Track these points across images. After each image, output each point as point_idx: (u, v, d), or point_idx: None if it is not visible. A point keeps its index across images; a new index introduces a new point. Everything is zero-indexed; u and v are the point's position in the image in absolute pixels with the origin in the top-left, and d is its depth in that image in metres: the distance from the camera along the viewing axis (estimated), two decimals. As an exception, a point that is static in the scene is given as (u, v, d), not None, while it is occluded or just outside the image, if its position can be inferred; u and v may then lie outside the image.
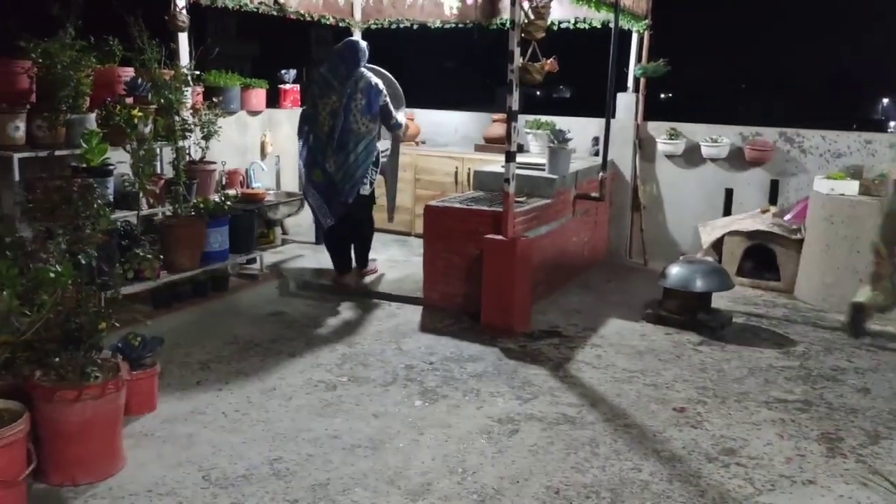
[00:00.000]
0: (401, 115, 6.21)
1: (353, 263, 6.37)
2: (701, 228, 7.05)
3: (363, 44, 6.03)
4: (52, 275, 3.03)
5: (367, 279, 6.31)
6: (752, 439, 3.84)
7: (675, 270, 5.54)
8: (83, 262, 3.38)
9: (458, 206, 5.73)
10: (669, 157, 7.40)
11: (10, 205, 4.41)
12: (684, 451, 3.69)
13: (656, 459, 3.60)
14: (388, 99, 5.94)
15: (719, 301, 5.82)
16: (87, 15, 4.85)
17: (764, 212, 6.87)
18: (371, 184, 6.12)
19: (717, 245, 6.82)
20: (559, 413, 4.06)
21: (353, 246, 6.32)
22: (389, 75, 6.28)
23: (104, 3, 5.20)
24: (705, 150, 7.20)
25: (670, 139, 7.31)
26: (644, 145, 7.47)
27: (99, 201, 3.58)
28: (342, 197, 5.89)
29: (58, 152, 4.71)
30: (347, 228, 6.17)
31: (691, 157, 7.34)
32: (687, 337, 5.33)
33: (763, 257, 6.63)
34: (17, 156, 4.49)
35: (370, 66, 6.03)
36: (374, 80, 5.87)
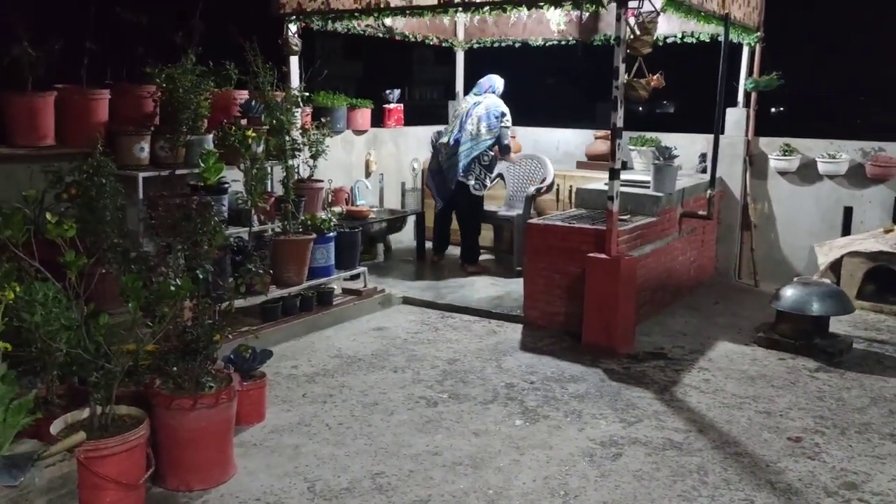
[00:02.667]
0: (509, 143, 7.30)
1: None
2: (817, 249, 6.71)
3: (501, 80, 7.19)
4: (172, 288, 3.18)
5: (472, 274, 7.10)
6: (876, 474, 3.60)
7: (789, 292, 5.29)
8: (200, 276, 3.54)
9: (559, 223, 5.68)
10: (782, 173, 7.10)
11: (135, 221, 4.67)
12: (801, 484, 3.50)
13: (770, 491, 3.43)
14: (508, 125, 7.03)
15: (837, 325, 5.52)
16: (205, 41, 5.12)
17: (887, 231, 6.46)
18: (483, 187, 7.09)
19: (836, 266, 6.47)
20: (665, 438, 3.93)
21: (461, 240, 7.29)
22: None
23: (222, 30, 5.48)
24: (822, 167, 6.87)
25: (784, 155, 7.01)
26: (755, 162, 7.19)
27: (216, 218, 3.74)
28: (449, 183, 7.06)
29: (178, 171, 4.96)
30: (451, 217, 7.32)
31: (806, 173, 7.01)
32: (802, 362, 5.07)
33: (886, 280, 6.23)
34: (141, 175, 4.76)
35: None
36: (501, 105, 7.01)
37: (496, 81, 7.18)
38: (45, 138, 4.60)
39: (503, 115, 6.96)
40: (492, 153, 7.03)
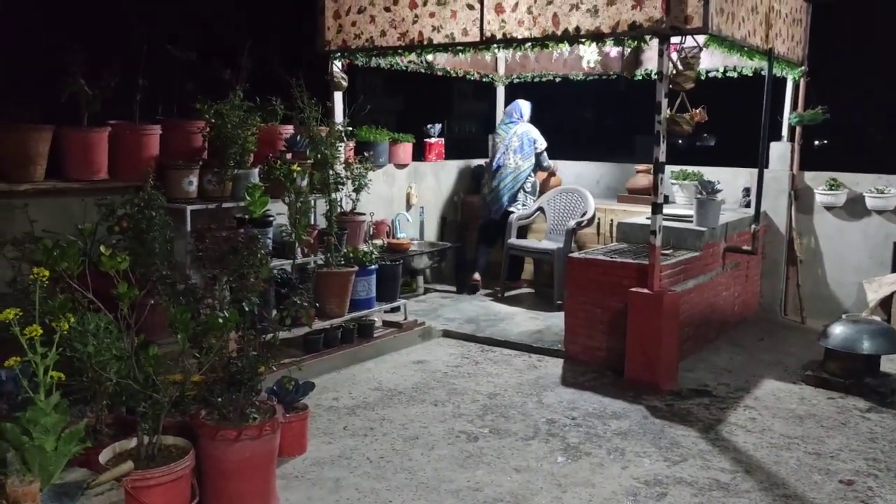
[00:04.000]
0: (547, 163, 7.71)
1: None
2: (866, 285, 6.55)
3: (527, 104, 7.64)
4: (220, 320, 3.23)
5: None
6: (934, 521, 3.48)
7: (838, 330, 5.18)
8: (247, 308, 3.59)
9: (601, 258, 5.65)
10: (829, 208, 6.98)
11: (182, 253, 4.76)
12: (854, 529, 3.39)
13: (822, 536, 3.33)
14: (540, 148, 7.47)
15: (889, 364, 5.37)
16: (253, 77, 5.25)
17: (939, 268, 6.30)
18: (526, 207, 7.52)
19: (886, 303, 6.30)
20: (711, 478, 3.85)
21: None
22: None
23: (269, 66, 5.62)
24: (870, 202, 6.74)
25: (830, 190, 6.90)
26: (800, 196, 7.08)
27: (262, 251, 3.80)
28: (492, 214, 7.54)
29: (224, 205, 5.07)
30: (493, 241, 7.67)
31: (854, 208, 6.89)
32: (853, 402, 4.93)
33: (939, 318, 6.06)
34: (189, 208, 4.87)
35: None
36: (531, 131, 7.45)
37: (523, 107, 7.61)
38: (99, 172, 4.74)
39: (535, 140, 7.42)
40: (533, 178, 7.53)
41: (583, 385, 5.20)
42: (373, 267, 5.81)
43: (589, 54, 6.95)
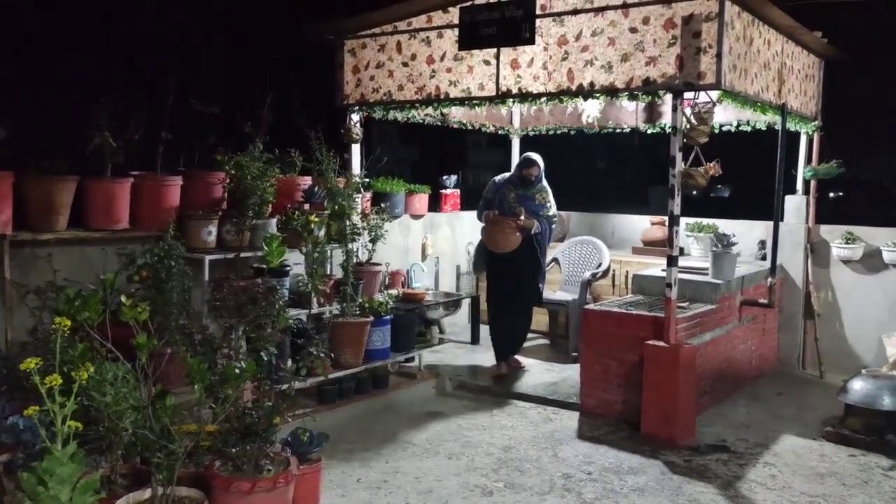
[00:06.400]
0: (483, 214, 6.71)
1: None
2: (886, 340, 6.47)
3: (519, 159, 6.84)
4: (237, 370, 3.25)
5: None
6: (963, 585, 3.38)
7: (858, 385, 5.11)
8: (265, 358, 3.60)
9: (616, 309, 5.63)
10: (846, 262, 6.95)
11: (200, 302, 4.80)
12: None
13: None
14: (483, 196, 6.70)
15: (911, 421, 5.28)
16: (272, 130, 5.35)
17: (960, 323, 6.23)
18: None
19: (906, 358, 6.22)
20: (731, 537, 3.78)
21: None
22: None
23: (288, 119, 5.73)
24: (887, 255, 6.70)
25: (846, 243, 6.88)
26: (817, 249, 7.06)
27: (280, 302, 3.82)
28: None
29: (242, 254, 5.11)
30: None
31: (871, 262, 6.85)
32: (875, 460, 4.84)
33: (961, 373, 5.96)
34: (208, 258, 4.92)
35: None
36: (491, 180, 6.80)
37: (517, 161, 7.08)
38: (120, 222, 4.80)
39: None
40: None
41: (599, 439, 5.14)
42: (388, 317, 5.81)
43: (589, 108, 6.96)
